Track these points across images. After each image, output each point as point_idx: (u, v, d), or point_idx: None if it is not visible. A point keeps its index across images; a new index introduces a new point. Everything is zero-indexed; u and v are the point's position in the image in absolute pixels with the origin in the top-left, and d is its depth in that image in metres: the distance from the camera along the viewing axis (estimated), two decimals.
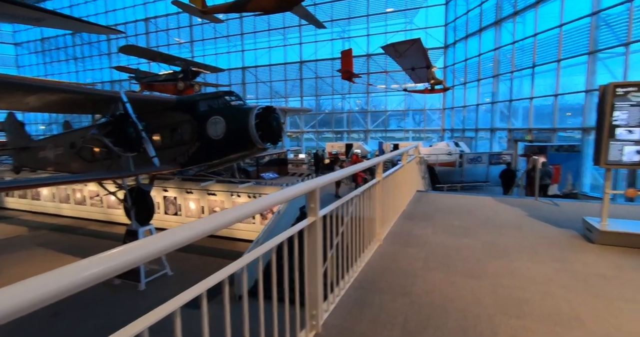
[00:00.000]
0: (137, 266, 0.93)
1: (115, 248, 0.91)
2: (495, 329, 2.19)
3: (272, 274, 1.76)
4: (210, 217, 1.26)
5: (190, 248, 11.52)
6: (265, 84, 32.13)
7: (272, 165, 19.61)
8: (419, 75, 18.06)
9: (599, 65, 14.49)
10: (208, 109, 11.11)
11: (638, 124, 3.73)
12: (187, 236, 1.10)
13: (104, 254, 0.88)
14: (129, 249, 0.94)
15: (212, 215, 1.29)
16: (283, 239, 1.79)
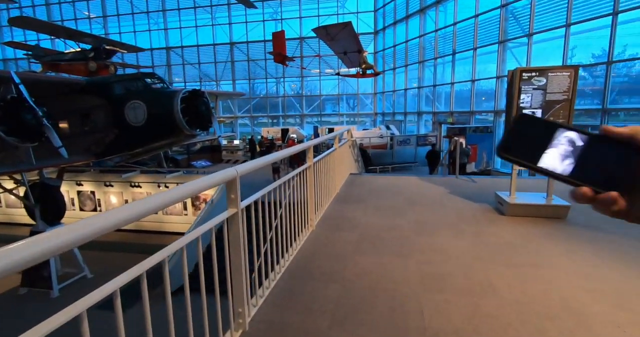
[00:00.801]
0: (37, 262, 0.82)
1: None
2: (421, 306, 2.26)
3: (200, 272, 1.60)
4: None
5: (114, 246, 10.54)
6: (193, 67, 30.04)
7: (204, 153, 18.62)
8: (351, 60, 18.30)
9: (508, 53, 16.02)
10: (125, 92, 10.01)
11: (540, 106, 4.13)
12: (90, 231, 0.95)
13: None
14: (25, 244, 0.77)
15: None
16: (197, 235, 1.60)
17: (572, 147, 0.45)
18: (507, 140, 0.47)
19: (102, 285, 1.06)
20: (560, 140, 0.45)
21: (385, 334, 1.98)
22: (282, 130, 24.81)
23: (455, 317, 2.15)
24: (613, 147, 0.43)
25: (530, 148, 0.46)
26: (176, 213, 11.82)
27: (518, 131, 0.47)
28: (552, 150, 0.45)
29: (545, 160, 0.45)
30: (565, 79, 4.04)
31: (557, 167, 0.45)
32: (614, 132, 0.42)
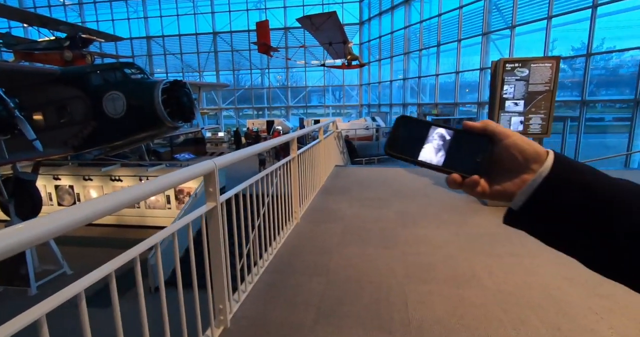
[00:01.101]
0: (10, 255, 0.78)
1: None
2: (405, 297, 2.26)
3: (177, 268, 1.54)
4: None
5: (95, 241, 10.29)
6: (175, 57, 29.26)
7: (187, 146, 18.27)
8: (336, 51, 18.13)
9: (491, 46, 16.16)
10: (103, 83, 9.67)
11: (522, 97, 4.16)
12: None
13: None
14: None
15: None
16: (173, 230, 1.53)
17: (443, 142, 0.52)
18: (391, 140, 0.53)
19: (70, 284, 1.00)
20: (434, 136, 0.52)
21: (371, 326, 1.97)
22: (267, 122, 24.55)
23: (439, 307, 2.15)
24: (473, 138, 0.50)
25: (411, 145, 0.53)
26: (159, 207, 11.59)
27: (400, 131, 0.53)
28: (428, 145, 0.52)
29: (423, 154, 0.52)
30: (547, 70, 4.07)
31: (433, 159, 0.52)
32: (471, 126, 0.50)
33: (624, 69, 12.34)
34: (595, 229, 0.42)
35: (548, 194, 0.44)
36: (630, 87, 11.60)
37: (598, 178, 0.43)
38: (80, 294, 1.01)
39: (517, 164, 0.47)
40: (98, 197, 1.11)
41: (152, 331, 1.42)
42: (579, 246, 0.44)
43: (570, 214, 0.43)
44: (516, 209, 0.47)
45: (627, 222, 0.40)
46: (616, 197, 0.42)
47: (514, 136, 0.47)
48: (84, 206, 1.03)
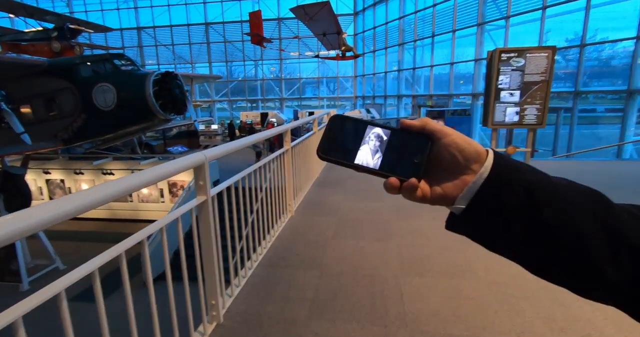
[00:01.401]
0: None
1: None
2: (401, 290, 2.24)
3: (166, 264, 1.50)
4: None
5: (87, 236, 10.20)
6: (166, 48, 28.74)
7: (181, 138, 18.08)
8: (331, 42, 17.93)
9: (486, 36, 16.08)
10: (93, 75, 9.46)
11: (518, 87, 4.13)
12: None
13: None
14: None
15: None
16: (161, 225, 1.47)
17: (380, 142, 0.47)
18: (325, 142, 0.48)
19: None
20: (370, 137, 0.47)
21: (366, 320, 1.95)
22: (261, 114, 24.35)
23: (435, 300, 2.13)
24: (411, 138, 0.46)
25: (346, 147, 0.48)
26: (152, 201, 11.49)
27: (334, 132, 0.48)
28: (365, 147, 0.47)
29: (359, 157, 0.47)
30: (543, 60, 4.04)
31: (370, 162, 0.47)
32: (409, 125, 0.46)
33: (616, 60, 12.37)
34: (539, 232, 0.40)
35: (490, 196, 0.41)
36: (622, 78, 11.65)
37: (540, 177, 0.41)
38: (61, 293, 0.96)
39: (457, 164, 0.43)
40: (88, 189, 1.07)
41: (143, 327, 1.38)
42: (523, 251, 0.42)
43: (514, 216, 0.40)
44: (458, 213, 0.44)
45: (571, 222, 0.39)
46: (560, 197, 0.40)
47: (454, 135, 0.44)
48: (73, 197, 1.00)
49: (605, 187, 2.61)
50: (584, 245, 0.38)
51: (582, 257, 0.38)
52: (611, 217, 0.39)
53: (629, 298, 0.39)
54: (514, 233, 0.41)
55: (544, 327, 1.86)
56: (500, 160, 0.42)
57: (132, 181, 1.26)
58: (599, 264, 0.38)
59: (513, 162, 0.43)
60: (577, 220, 0.39)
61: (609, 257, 0.38)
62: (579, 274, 0.40)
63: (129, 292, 1.24)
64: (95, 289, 1.09)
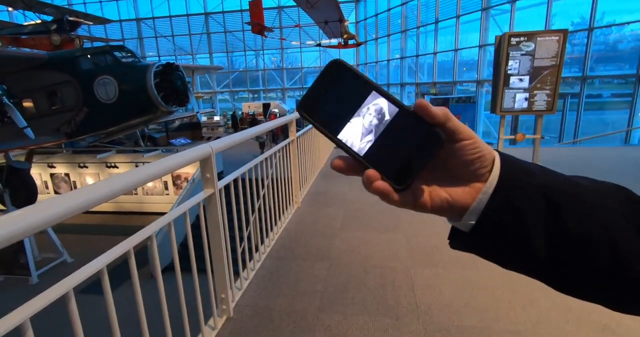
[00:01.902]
0: (9, 244, 0.75)
1: None
2: (411, 281, 2.21)
3: (175, 260, 1.48)
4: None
5: (94, 229, 10.27)
6: (166, 39, 28.45)
7: (183, 130, 18.03)
8: (332, 30, 17.65)
9: (491, 21, 15.73)
10: (93, 68, 9.40)
11: (527, 72, 4.02)
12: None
13: None
14: None
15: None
16: (170, 219, 1.44)
17: (379, 120, 0.35)
18: (309, 96, 0.37)
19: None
20: (370, 108, 0.35)
21: (377, 312, 1.92)
22: (263, 105, 24.18)
23: (447, 291, 2.10)
24: (421, 129, 0.34)
25: (335, 111, 0.36)
26: (157, 193, 11.51)
27: (325, 85, 0.36)
28: (357, 120, 0.35)
29: (346, 131, 0.36)
30: (554, 44, 3.92)
31: (355, 144, 0.35)
32: (428, 111, 0.33)
33: (622, 43, 12.08)
34: (565, 243, 0.33)
35: (502, 206, 0.34)
36: (630, 62, 11.39)
37: (555, 178, 0.35)
38: (69, 293, 0.93)
39: (471, 172, 0.35)
40: (95, 183, 1.05)
41: (154, 320, 1.36)
42: (547, 266, 0.35)
43: (533, 227, 0.34)
44: (466, 230, 0.36)
45: (600, 228, 0.33)
46: (582, 199, 0.34)
47: (476, 138, 0.35)
48: (81, 192, 0.97)
49: (614, 174, 2.55)
50: (620, 253, 0.33)
51: (619, 267, 0.33)
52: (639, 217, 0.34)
53: None
54: (534, 247, 0.34)
55: (560, 317, 1.83)
56: (508, 163, 0.35)
57: (140, 174, 1.22)
58: (635, 271, 0.33)
59: (522, 163, 0.36)
60: (607, 225, 0.33)
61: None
62: (617, 287, 0.34)
63: (138, 291, 1.21)
64: (104, 286, 1.06)
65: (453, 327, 1.79)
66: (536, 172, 0.35)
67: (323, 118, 0.36)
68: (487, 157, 0.35)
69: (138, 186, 1.25)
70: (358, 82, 0.35)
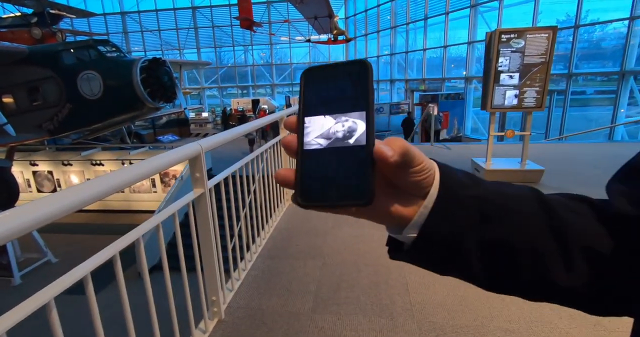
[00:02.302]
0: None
1: None
2: (405, 280, 2.19)
3: (163, 262, 1.42)
4: None
5: (79, 228, 10.04)
6: (153, 34, 27.87)
7: (171, 127, 17.76)
8: (322, 25, 17.54)
9: (479, 19, 15.84)
10: (77, 62, 9.14)
11: (517, 70, 4.04)
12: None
13: None
14: None
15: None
16: (157, 222, 1.38)
17: (342, 136, 0.33)
18: (319, 69, 0.35)
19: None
20: (347, 122, 0.33)
21: (371, 312, 1.90)
22: (252, 101, 23.92)
23: (441, 289, 2.09)
24: (363, 173, 0.31)
25: (325, 96, 0.34)
26: (144, 191, 11.31)
27: (341, 72, 0.35)
28: (330, 120, 0.33)
29: (314, 120, 0.34)
30: (543, 41, 3.94)
31: (309, 136, 0.33)
32: (385, 157, 0.31)
33: (605, 41, 12.31)
34: (494, 250, 0.36)
35: (442, 219, 0.35)
36: (612, 60, 11.62)
37: (485, 189, 0.37)
38: (50, 303, 0.87)
39: (415, 188, 0.35)
40: (82, 184, 1.00)
41: (142, 324, 1.31)
42: (477, 271, 0.37)
43: (468, 237, 0.35)
44: (408, 242, 0.37)
45: (522, 234, 0.36)
46: (507, 207, 0.36)
47: (426, 160, 0.35)
48: (69, 192, 0.92)
49: (600, 169, 2.57)
50: (538, 255, 0.36)
51: (536, 267, 0.36)
52: (555, 219, 0.36)
53: (584, 300, 0.37)
54: (469, 255, 0.36)
55: (553, 314, 1.84)
56: (446, 176, 0.36)
57: (129, 174, 1.17)
58: (552, 272, 0.36)
59: (456, 175, 0.37)
60: (527, 230, 0.36)
61: (562, 263, 0.36)
62: (533, 284, 0.37)
63: (125, 299, 1.16)
64: (88, 295, 1.01)
65: (448, 327, 1.78)
66: (469, 184, 0.36)
67: (311, 93, 0.34)
68: (432, 174, 0.35)
69: (127, 186, 1.19)
70: (363, 93, 0.33)
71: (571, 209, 0.38)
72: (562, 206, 0.38)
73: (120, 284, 1.14)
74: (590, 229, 0.36)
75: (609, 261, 0.35)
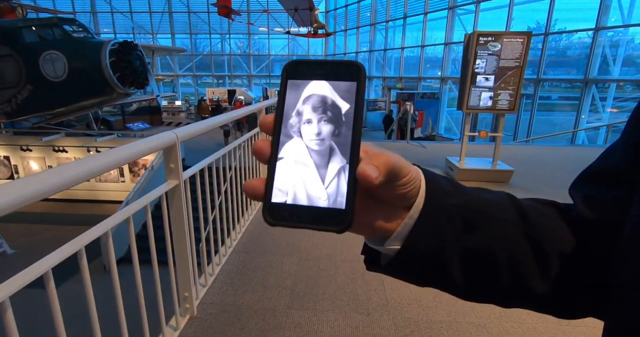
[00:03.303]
0: None
1: None
2: (381, 276, 2.20)
3: (133, 256, 1.34)
4: None
5: (39, 218, 9.49)
6: (124, 16, 26.51)
7: (142, 114, 17.08)
8: (302, 18, 17.34)
9: (457, 21, 16.19)
10: (39, 41, 8.56)
11: (493, 72, 4.15)
12: None
13: None
14: None
15: None
16: (128, 215, 1.30)
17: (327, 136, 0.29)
18: (309, 62, 0.30)
19: None
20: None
21: (348, 308, 1.90)
22: (228, 91, 23.39)
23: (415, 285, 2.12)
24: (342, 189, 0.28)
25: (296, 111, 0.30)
26: (111, 180, 10.81)
27: (332, 68, 0.30)
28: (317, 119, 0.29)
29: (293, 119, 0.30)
30: (518, 46, 4.06)
31: (287, 134, 0.29)
32: (368, 178, 0.27)
33: (571, 50, 12.97)
34: (475, 260, 0.35)
35: (428, 230, 0.33)
36: (577, 67, 12.25)
37: (467, 197, 0.36)
38: (5, 303, 0.79)
39: (401, 200, 0.33)
40: (43, 172, 0.92)
41: (109, 321, 1.24)
42: (457, 281, 0.36)
43: (451, 248, 0.34)
44: (390, 254, 0.35)
45: (501, 243, 0.35)
46: (487, 215, 0.35)
47: (412, 169, 0.32)
48: (31, 180, 0.84)
49: (564, 170, 2.69)
50: (516, 262, 0.35)
51: (514, 275, 0.36)
52: (530, 226, 0.36)
53: (557, 304, 0.38)
54: (451, 266, 0.35)
55: (521, 310, 1.89)
56: (431, 185, 0.34)
57: (97, 162, 1.08)
58: (528, 279, 0.36)
59: (440, 183, 0.35)
60: (507, 238, 0.35)
61: (537, 270, 0.36)
62: (510, 291, 0.37)
63: (91, 296, 1.08)
64: (49, 291, 0.92)
65: (422, 322, 1.80)
66: (453, 192, 0.35)
67: (294, 93, 0.29)
68: (417, 185, 0.33)
69: (97, 175, 1.11)
70: (355, 103, 0.29)
71: (543, 214, 0.38)
72: (535, 212, 0.38)
73: (85, 282, 1.06)
74: (560, 234, 0.37)
75: (575, 264, 0.36)
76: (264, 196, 0.28)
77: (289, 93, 0.29)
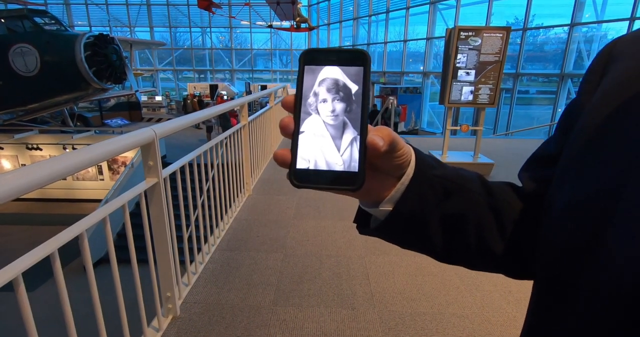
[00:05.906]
0: None
1: None
2: (366, 269, 2.22)
3: (111, 258, 1.29)
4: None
5: (12, 218, 9.15)
6: (99, 8, 25.57)
7: (120, 110, 16.59)
8: (285, 11, 17.13)
9: (438, 16, 16.33)
10: (8, 34, 8.18)
11: (474, 67, 4.21)
12: None
13: None
14: None
15: None
16: (104, 214, 1.25)
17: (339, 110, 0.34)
18: (318, 50, 0.35)
19: None
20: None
21: (333, 303, 1.90)
22: (210, 86, 22.97)
23: (400, 278, 2.15)
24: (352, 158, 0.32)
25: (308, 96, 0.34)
26: (89, 178, 10.50)
27: (339, 56, 0.34)
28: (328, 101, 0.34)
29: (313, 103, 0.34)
30: (497, 40, 4.12)
31: (308, 112, 0.34)
32: (377, 147, 0.32)
33: (547, 45, 13.30)
34: (450, 223, 0.42)
35: (415, 195, 0.40)
36: (553, 62, 12.58)
37: (447, 171, 0.42)
38: None
39: (395, 169, 0.39)
40: (18, 169, 0.88)
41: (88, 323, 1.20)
42: (434, 243, 0.43)
43: (432, 212, 0.41)
44: (381, 217, 0.41)
45: (472, 208, 0.42)
46: (463, 187, 0.42)
47: (406, 145, 0.39)
48: (2, 178, 0.80)
49: None
50: (482, 227, 0.43)
51: (480, 238, 0.43)
52: (492, 198, 0.44)
53: (510, 264, 0.46)
54: (432, 228, 0.42)
55: (502, 299, 1.95)
56: (419, 158, 0.40)
57: (73, 160, 1.04)
58: (490, 242, 0.43)
59: (425, 157, 0.42)
60: (476, 207, 0.42)
61: (498, 235, 0.43)
62: (477, 253, 0.44)
63: (66, 299, 1.04)
64: (19, 297, 0.88)
65: (407, 315, 1.82)
66: (436, 166, 0.42)
67: (310, 77, 0.34)
68: (409, 157, 0.39)
69: (73, 173, 1.06)
70: (363, 84, 0.33)
71: (503, 190, 0.46)
72: (497, 188, 0.45)
73: (59, 285, 1.02)
74: (514, 205, 0.45)
75: (524, 229, 0.43)
76: (290, 163, 0.33)
77: (306, 77, 0.34)
